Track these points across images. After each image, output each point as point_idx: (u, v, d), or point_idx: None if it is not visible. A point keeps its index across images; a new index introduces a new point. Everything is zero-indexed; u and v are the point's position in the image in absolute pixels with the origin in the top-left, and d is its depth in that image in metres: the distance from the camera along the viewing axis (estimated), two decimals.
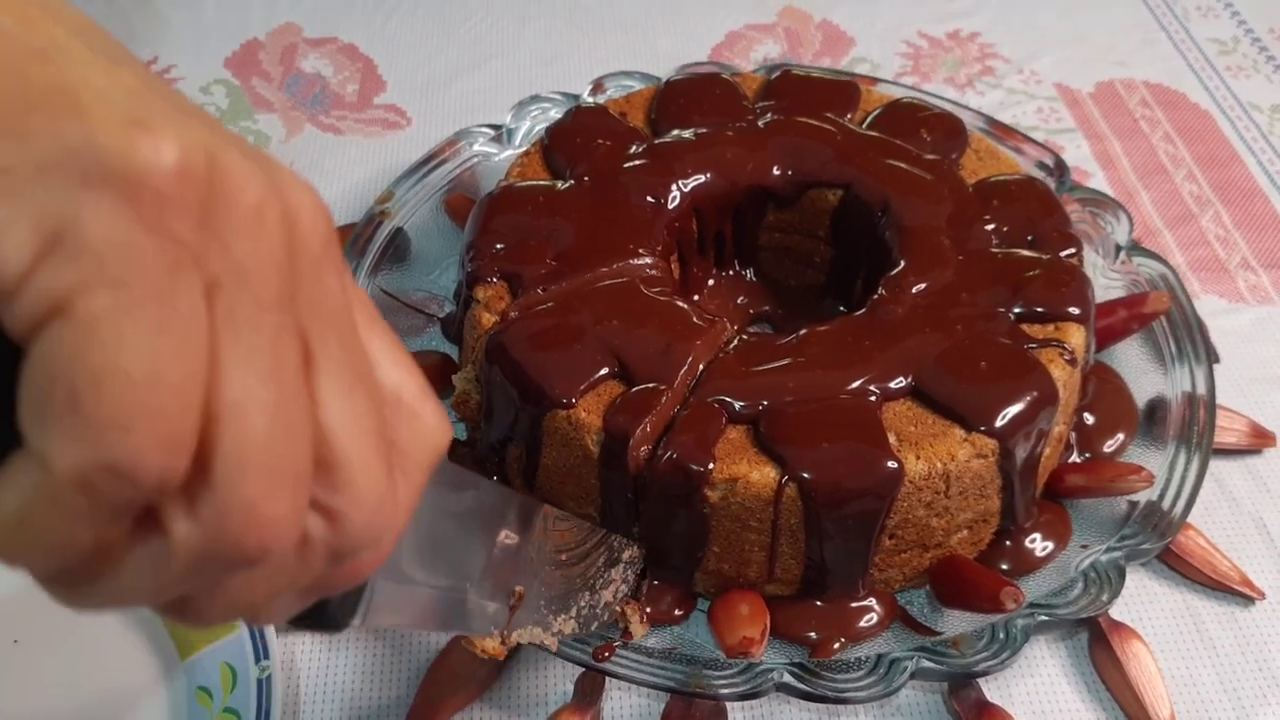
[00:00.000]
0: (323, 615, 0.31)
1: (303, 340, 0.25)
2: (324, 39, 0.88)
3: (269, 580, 0.26)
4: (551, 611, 0.47)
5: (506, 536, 0.43)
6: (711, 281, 0.68)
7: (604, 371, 0.53)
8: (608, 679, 0.52)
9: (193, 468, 0.23)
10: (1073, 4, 0.94)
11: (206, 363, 0.23)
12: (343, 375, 0.26)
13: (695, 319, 0.55)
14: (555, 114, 0.72)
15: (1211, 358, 0.63)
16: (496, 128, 0.72)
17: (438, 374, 0.63)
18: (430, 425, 0.29)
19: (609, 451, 0.51)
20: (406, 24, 0.90)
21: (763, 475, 0.49)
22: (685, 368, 0.53)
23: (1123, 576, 0.52)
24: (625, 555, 0.51)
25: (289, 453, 0.24)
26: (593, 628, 0.49)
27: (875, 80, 0.75)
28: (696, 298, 0.66)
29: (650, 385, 0.52)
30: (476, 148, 0.72)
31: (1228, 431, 0.62)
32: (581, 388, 0.52)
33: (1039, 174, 0.68)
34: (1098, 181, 0.78)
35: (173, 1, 0.92)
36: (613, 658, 0.49)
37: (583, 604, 0.49)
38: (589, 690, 0.51)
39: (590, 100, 0.72)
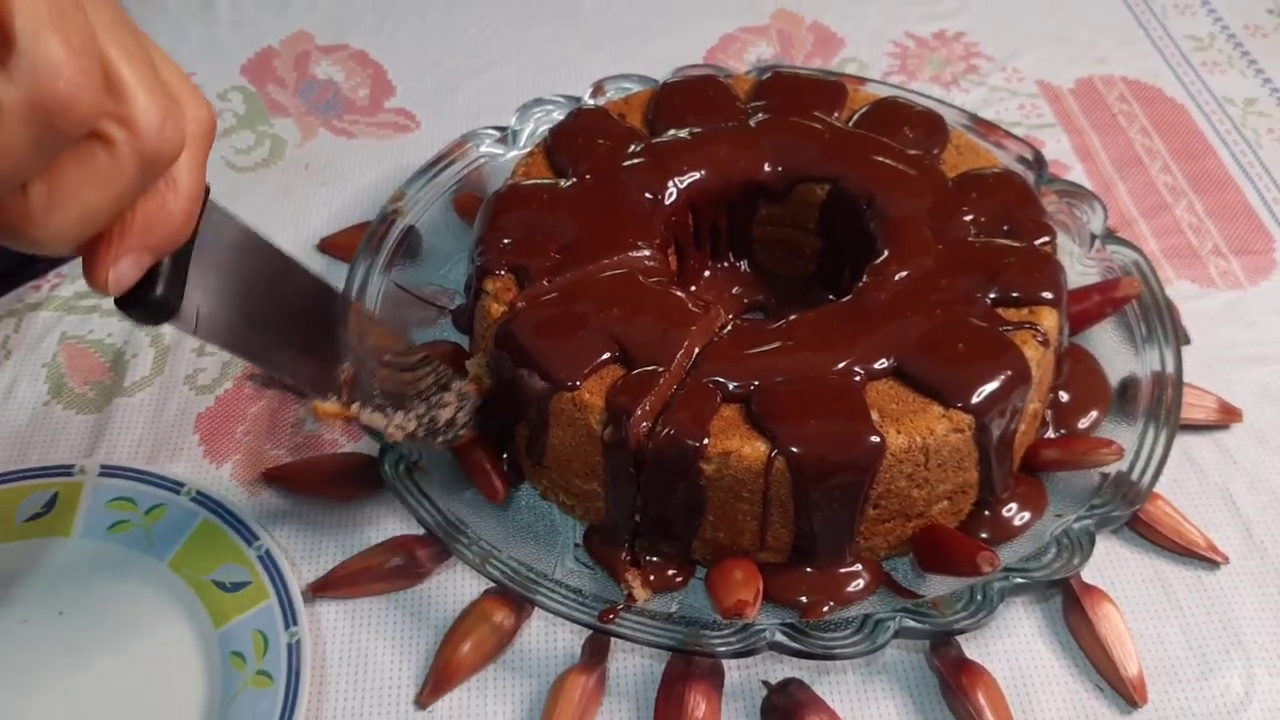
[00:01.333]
0: (153, 293, 0.38)
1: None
2: (335, 46, 0.92)
3: (96, 180, 0.33)
4: (389, 405, 0.54)
5: (316, 310, 0.51)
6: (707, 273, 0.71)
7: (606, 356, 0.56)
8: (613, 640, 0.55)
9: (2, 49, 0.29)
10: (1054, 3, 0.97)
11: None
12: (119, 26, 0.34)
13: (691, 306, 0.59)
14: (558, 116, 0.75)
15: (1180, 339, 0.66)
16: (502, 129, 0.76)
17: (450, 362, 0.66)
18: (202, 106, 0.38)
19: (613, 433, 0.54)
20: (415, 31, 0.93)
21: (754, 450, 0.53)
22: (682, 351, 0.56)
23: (1093, 542, 0.55)
24: (455, 386, 0.58)
25: (76, 26, 0.31)
26: (436, 442, 0.56)
27: (863, 80, 0.79)
28: (693, 288, 0.70)
29: (649, 368, 0.56)
30: (483, 149, 0.75)
31: (1197, 408, 0.65)
32: (585, 371, 0.56)
33: (1019, 168, 0.72)
34: (1077, 174, 0.81)
35: (190, 11, 0.95)
36: (617, 620, 0.53)
37: (420, 411, 0.55)
38: (596, 651, 0.55)
39: (591, 102, 0.76)
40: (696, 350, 0.57)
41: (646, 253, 0.63)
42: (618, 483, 0.56)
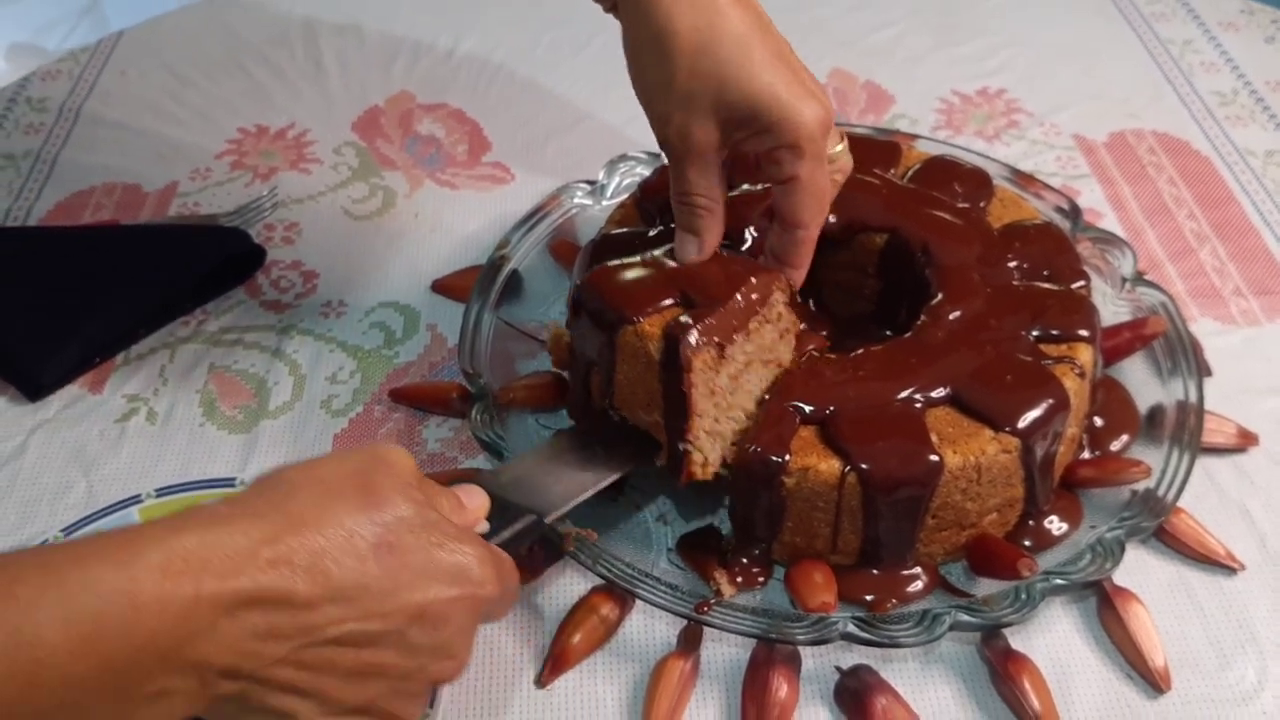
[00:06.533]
0: None
1: None
2: (435, 105, 1.02)
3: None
4: None
5: None
6: None
7: (669, 301, 0.64)
8: (706, 630, 0.64)
9: None
10: (1089, 63, 1.06)
11: None
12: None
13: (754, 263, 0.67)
14: (641, 170, 0.85)
15: (1203, 372, 0.74)
16: (591, 183, 0.85)
17: (550, 391, 0.75)
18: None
19: (668, 352, 0.61)
20: (506, 90, 1.03)
21: (829, 466, 0.62)
22: (743, 287, 0.64)
23: (1123, 549, 0.63)
24: None
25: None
26: None
27: (914, 136, 0.88)
28: None
29: (706, 303, 0.63)
30: (575, 200, 0.85)
31: (1218, 433, 0.73)
32: (648, 310, 0.64)
33: (1057, 217, 0.80)
34: (1109, 221, 0.90)
35: (303, 74, 1.06)
36: (710, 612, 0.62)
37: None
38: (690, 640, 0.64)
39: None
40: (755, 284, 0.64)
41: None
42: (672, 406, 0.62)
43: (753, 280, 0.65)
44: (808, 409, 0.64)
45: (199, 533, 0.45)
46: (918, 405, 0.64)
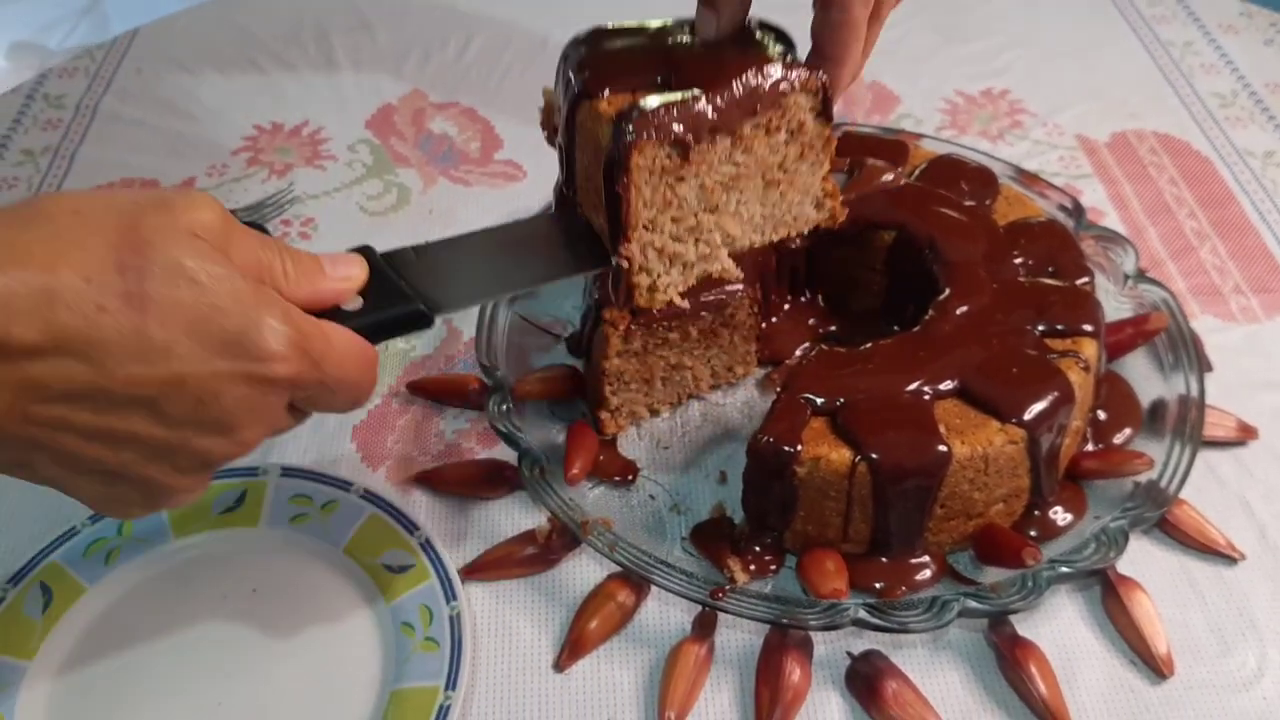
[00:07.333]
0: None
1: None
2: (447, 103, 1.04)
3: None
4: None
5: None
6: (787, 305, 0.82)
7: (645, 81, 0.54)
8: (720, 615, 0.65)
9: None
10: (1091, 63, 1.08)
11: None
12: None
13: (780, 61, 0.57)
14: None
15: (1203, 367, 0.76)
16: None
17: (565, 384, 0.77)
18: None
19: (613, 142, 0.52)
20: (516, 88, 1.05)
21: (840, 456, 0.63)
22: (740, 78, 0.54)
23: (1127, 539, 0.65)
24: None
25: None
26: None
27: (919, 136, 0.89)
28: (774, 319, 0.80)
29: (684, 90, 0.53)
30: None
31: (1218, 427, 0.75)
32: (616, 85, 0.54)
33: (1061, 215, 0.82)
34: (1111, 220, 0.91)
35: (316, 71, 1.07)
36: (724, 599, 0.63)
37: None
38: (705, 625, 0.65)
39: None
40: (759, 92, 0.54)
41: (739, 285, 0.74)
42: (612, 206, 0.53)
43: (761, 74, 0.53)
44: (819, 400, 0.65)
45: None
46: (926, 397, 0.66)
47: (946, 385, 0.66)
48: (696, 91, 0.53)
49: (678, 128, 0.51)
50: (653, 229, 0.53)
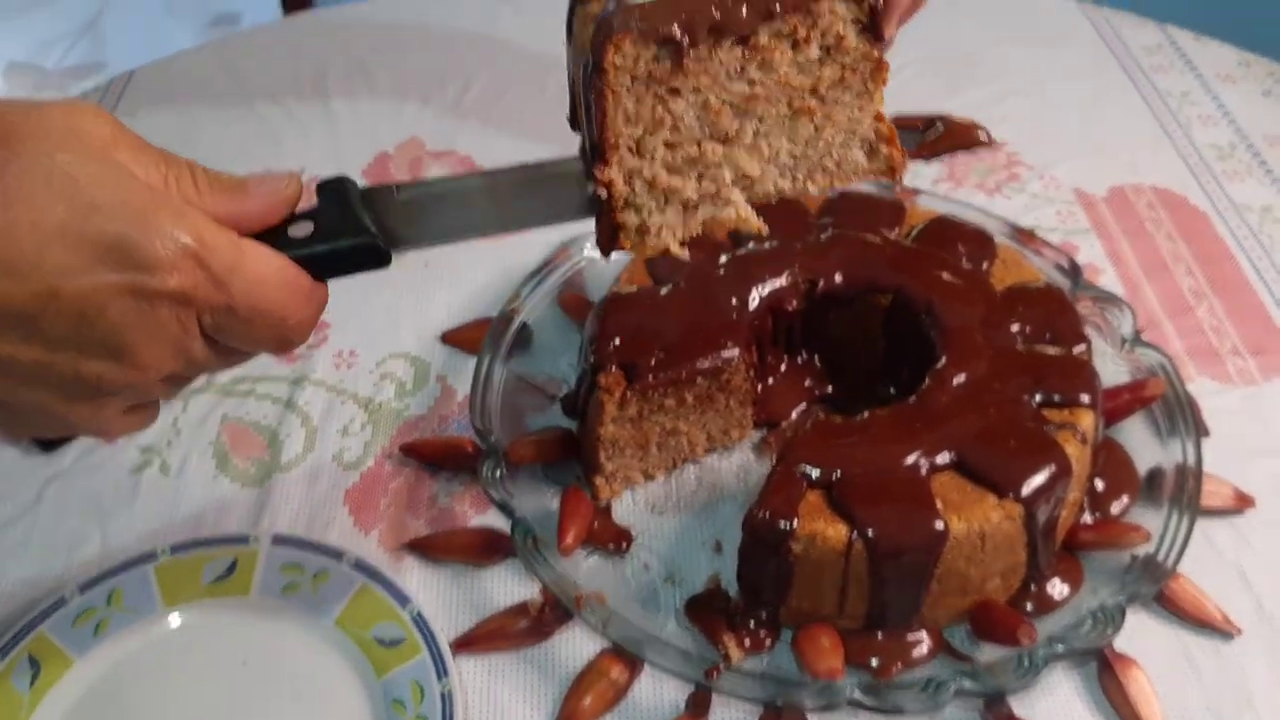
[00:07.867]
0: None
1: None
2: (444, 151, 1.03)
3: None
4: None
5: None
6: (783, 367, 0.81)
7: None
8: (714, 695, 0.65)
9: None
10: (1089, 116, 1.07)
11: None
12: None
13: None
14: None
15: (1201, 433, 0.75)
16: None
17: (559, 447, 0.76)
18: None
19: (593, 42, 0.46)
20: (513, 138, 1.04)
21: (836, 532, 0.63)
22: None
23: (1124, 615, 0.64)
24: None
25: None
26: None
27: (916, 191, 0.89)
28: (770, 380, 0.80)
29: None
30: (584, 253, 0.86)
31: (1215, 495, 0.74)
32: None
33: (1057, 274, 0.82)
34: (1109, 277, 0.91)
35: (313, 119, 1.07)
36: (718, 678, 0.63)
37: None
38: (699, 704, 0.65)
39: None
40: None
41: (735, 351, 0.73)
42: (587, 113, 0.47)
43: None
44: (814, 473, 0.65)
45: None
46: (923, 470, 0.65)
47: (943, 458, 0.66)
48: None
49: (667, 23, 0.43)
50: (641, 154, 0.45)
